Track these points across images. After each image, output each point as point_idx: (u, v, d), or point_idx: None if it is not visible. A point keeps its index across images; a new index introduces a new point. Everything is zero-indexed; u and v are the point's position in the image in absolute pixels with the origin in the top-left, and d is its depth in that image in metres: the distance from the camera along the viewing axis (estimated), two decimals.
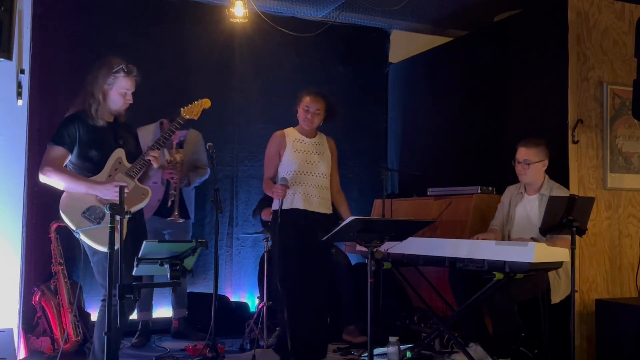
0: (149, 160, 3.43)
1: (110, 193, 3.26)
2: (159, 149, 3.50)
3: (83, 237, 3.28)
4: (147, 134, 4.72)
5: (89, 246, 3.31)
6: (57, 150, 3.37)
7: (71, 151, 3.38)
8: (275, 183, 3.93)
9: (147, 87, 3.62)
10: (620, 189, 4.46)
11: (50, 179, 3.32)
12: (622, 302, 4.17)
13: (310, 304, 3.81)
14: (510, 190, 4.24)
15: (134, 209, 3.35)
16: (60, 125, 3.41)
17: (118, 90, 3.42)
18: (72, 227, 3.29)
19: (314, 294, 3.84)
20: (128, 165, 3.42)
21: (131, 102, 3.49)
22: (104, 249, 3.24)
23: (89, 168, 3.39)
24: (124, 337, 4.58)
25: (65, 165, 3.38)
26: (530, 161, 4.01)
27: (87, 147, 3.38)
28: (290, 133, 3.96)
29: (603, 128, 4.45)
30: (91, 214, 3.31)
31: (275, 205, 3.90)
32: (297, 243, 3.77)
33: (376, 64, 6.49)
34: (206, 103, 3.74)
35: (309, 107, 3.91)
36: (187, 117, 3.66)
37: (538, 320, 3.79)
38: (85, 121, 3.39)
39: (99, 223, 3.29)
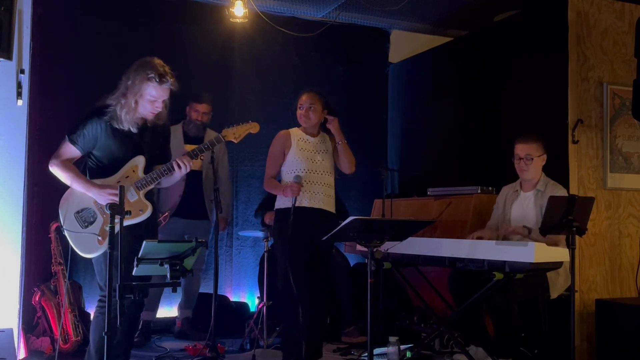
0: (174, 166, 3.34)
1: (104, 198, 3.24)
2: (190, 158, 3.41)
3: (67, 235, 3.31)
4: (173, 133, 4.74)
5: None
6: (69, 148, 3.36)
7: (83, 152, 3.36)
8: (277, 182, 3.94)
9: None
10: (620, 189, 4.46)
11: (54, 171, 3.35)
12: (622, 302, 4.17)
13: (316, 303, 3.81)
14: (504, 191, 4.24)
15: (126, 223, 3.22)
16: (82, 119, 3.35)
17: (147, 97, 3.32)
18: (62, 223, 3.33)
19: (319, 293, 3.84)
20: (141, 176, 3.35)
21: (160, 110, 3.38)
22: (83, 254, 3.29)
23: (102, 170, 3.36)
24: None
25: (79, 161, 3.38)
26: (533, 155, 4.00)
27: (105, 149, 3.34)
28: (295, 133, 3.97)
29: (603, 128, 4.45)
30: (83, 215, 3.31)
31: (280, 204, 3.90)
32: (306, 241, 3.77)
33: (376, 64, 6.49)
34: (254, 128, 3.63)
35: (303, 104, 3.92)
36: (227, 139, 3.56)
37: (538, 320, 3.79)
38: (109, 122, 3.32)
39: (86, 227, 3.29)
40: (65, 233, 3.31)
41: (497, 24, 5.59)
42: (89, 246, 3.28)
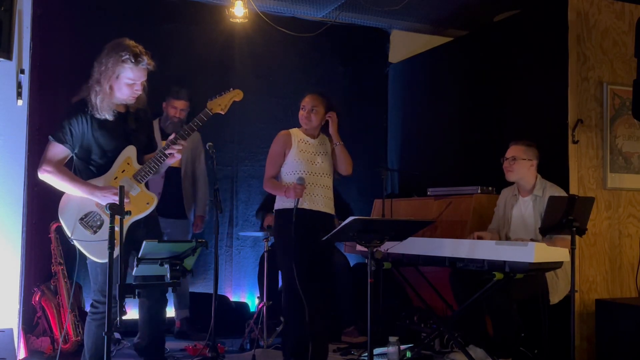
0: (170, 154, 3.24)
1: (108, 200, 3.10)
2: (181, 140, 3.30)
3: (77, 246, 3.18)
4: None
5: None
6: (57, 149, 3.21)
7: (73, 150, 3.22)
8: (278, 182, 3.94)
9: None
10: (620, 189, 4.46)
11: (46, 179, 3.19)
12: (622, 302, 4.17)
13: (319, 304, 3.81)
14: (504, 193, 4.25)
15: (133, 219, 3.20)
16: (63, 117, 3.20)
17: (124, 81, 3.18)
18: (68, 233, 3.18)
19: (319, 295, 3.84)
20: (137, 167, 3.24)
21: (140, 92, 3.26)
22: (98, 260, 3.17)
23: (94, 168, 3.25)
24: (126, 337, 4.59)
25: (66, 164, 3.24)
26: (517, 157, 4.03)
27: (93, 144, 3.21)
28: (296, 133, 3.96)
29: (603, 128, 4.45)
30: (89, 221, 3.18)
31: (279, 205, 3.89)
32: (307, 242, 3.77)
33: (376, 64, 6.49)
34: (237, 95, 3.50)
35: (305, 105, 3.91)
36: (214, 111, 3.42)
37: (538, 320, 3.79)
38: (90, 114, 3.19)
39: (95, 232, 3.17)
40: (75, 243, 3.17)
41: (497, 24, 5.58)
42: (103, 251, 3.09)
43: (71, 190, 3.19)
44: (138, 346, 3.93)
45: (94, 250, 3.17)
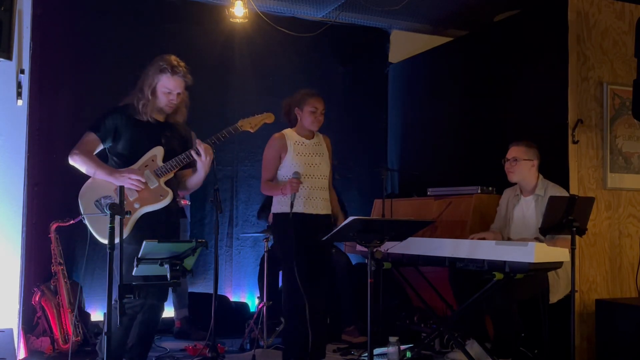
0: (193, 153, 3.43)
1: (125, 181, 3.29)
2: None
3: (87, 223, 3.32)
4: None
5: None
6: (90, 137, 3.44)
7: (104, 141, 3.44)
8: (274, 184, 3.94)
9: None
10: (620, 189, 4.46)
11: (74, 161, 3.40)
12: (622, 302, 4.17)
13: (316, 304, 3.81)
14: (507, 193, 4.25)
15: (146, 209, 3.38)
16: (102, 113, 3.47)
17: (161, 89, 3.43)
18: (81, 211, 3.35)
19: (318, 295, 3.84)
20: (160, 164, 3.44)
21: (175, 102, 3.48)
22: (102, 240, 3.28)
23: (122, 160, 3.43)
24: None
25: (97, 154, 3.45)
26: (518, 158, 4.03)
27: (125, 140, 3.42)
28: (290, 135, 3.92)
29: (603, 128, 4.44)
30: (103, 203, 3.34)
31: (277, 208, 3.89)
32: (306, 243, 3.76)
33: (376, 64, 6.49)
34: (269, 118, 3.72)
35: (317, 108, 3.88)
36: (243, 128, 3.64)
37: (538, 320, 3.79)
38: (129, 115, 3.43)
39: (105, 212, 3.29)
40: (86, 222, 3.32)
41: (497, 24, 5.59)
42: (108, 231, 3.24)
43: (93, 173, 3.39)
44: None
45: (103, 231, 3.26)
